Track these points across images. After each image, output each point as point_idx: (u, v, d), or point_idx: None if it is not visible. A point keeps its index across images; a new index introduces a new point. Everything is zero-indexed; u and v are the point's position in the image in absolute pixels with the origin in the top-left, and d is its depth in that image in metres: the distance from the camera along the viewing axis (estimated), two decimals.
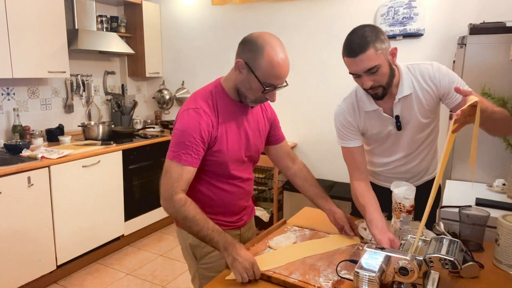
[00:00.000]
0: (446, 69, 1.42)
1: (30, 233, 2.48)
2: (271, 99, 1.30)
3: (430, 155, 1.61)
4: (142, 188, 3.38)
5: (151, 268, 2.95)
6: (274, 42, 1.23)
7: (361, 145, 1.53)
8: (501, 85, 2.13)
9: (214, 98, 1.30)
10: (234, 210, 1.44)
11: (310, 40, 3.24)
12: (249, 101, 1.31)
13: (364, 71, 1.31)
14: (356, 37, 1.30)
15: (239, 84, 1.28)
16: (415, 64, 1.46)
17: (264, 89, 1.24)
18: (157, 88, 4.15)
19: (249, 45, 1.23)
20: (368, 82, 1.33)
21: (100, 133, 3.30)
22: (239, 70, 1.25)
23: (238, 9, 3.50)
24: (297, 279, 1.13)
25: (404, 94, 1.43)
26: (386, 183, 1.60)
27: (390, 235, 1.27)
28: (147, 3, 3.80)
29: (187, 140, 1.23)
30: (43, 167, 2.53)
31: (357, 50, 1.28)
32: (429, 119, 1.49)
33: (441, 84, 1.40)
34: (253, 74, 1.22)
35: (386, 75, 1.35)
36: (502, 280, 1.15)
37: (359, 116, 1.52)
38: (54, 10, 2.86)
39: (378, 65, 1.30)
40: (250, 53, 1.22)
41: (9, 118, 2.98)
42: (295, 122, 3.38)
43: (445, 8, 2.71)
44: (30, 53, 2.72)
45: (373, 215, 1.35)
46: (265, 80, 1.22)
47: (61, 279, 2.77)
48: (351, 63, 1.32)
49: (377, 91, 1.38)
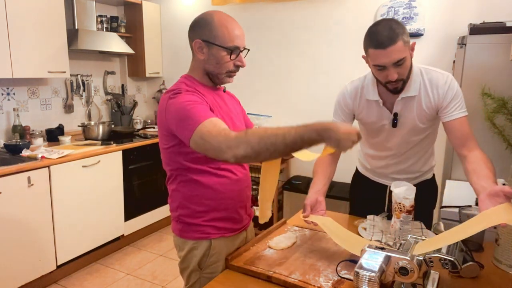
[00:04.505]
0: (457, 86, 1.43)
1: (30, 233, 2.48)
2: (241, 64, 1.29)
3: (423, 159, 1.63)
4: (142, 188, 3.38)
5: (151, 268, 2.95)
6: (219, 11, 1.27)
7: None
8: (501, 85, 2.13)
9: (191, 87, 1.25)
10: (242, 200, 1.38)
11: (310, 40, 3.24)
12: (222, 77, 1.29)
13: (392, 63, 1.32)
14: (384, 29, 1.30)
15: (206, 65, 1.27)
16: (429, 69, 1.47)
17: (230, 55, 1.24)
18: (157, 88, 4.15)
19: (198, 24, 1.26)
20: (395, 74, 1.34)
21: (100, 133, 3.30)
22: (200, 51, 1.25)
23: (238, 9, 3.49)
24: (297, 279, 1.13)
25: (409, 95, 1.45)
26: (381, 179, 1.69)
27: (320, 198, 1.40)
28: (147, 3, 3.80)
29: (190, 107, 1.14)
30: (43, 167, 2.53)
31: (386, 42, 1.29)
32: (426, 125, 1.51)
33: (445, 97, 1.42)
34: (214, 46, 1.22)
35: (408, 68, 1.37)
36: (502, 280, 1.15)
37: (359, 102, 1.56)
38: (54, 10, 2.86)
39: (405, 57, 1.32)
40: (202, 29, 1.24)
41: (9, 118, 2.98)
42: (295, 122, 3.38)
43: (445, 8, 2.71)
44: (30, 53, 2.72)
45: (319, 179, 1.49)
46: (227, 44, 1.23)
47: (61, 279, 2.77)
48: (380, 54, 1.32)
49: (398, 85, 1.39)
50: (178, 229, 1.36)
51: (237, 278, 1.20)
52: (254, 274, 1.19)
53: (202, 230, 1.32)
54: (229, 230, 1.35)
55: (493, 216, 1.01)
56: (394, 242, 1.34)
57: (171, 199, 1.37)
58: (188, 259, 1.35)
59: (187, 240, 1.34)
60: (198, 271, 1.35)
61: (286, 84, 3.41)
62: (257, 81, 3.48)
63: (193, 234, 1.33)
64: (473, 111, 2.21)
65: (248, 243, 1.39)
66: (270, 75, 3.45)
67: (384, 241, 1.37)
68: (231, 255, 1.28)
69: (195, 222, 1.32)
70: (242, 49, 1.27)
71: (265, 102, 3.52)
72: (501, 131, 2.04)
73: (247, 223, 1.45)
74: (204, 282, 1.32)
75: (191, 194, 1.29)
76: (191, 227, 1.32)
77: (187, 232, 1.34)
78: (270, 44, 3.39)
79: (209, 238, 1.32)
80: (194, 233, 1.32)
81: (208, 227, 1.32)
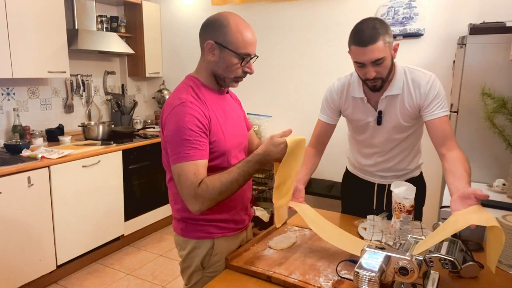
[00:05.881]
0: (440, 86, 1.46)
1: (30, 233, 2.48)
2: (250, 71, 1.29)
3: (410, 157, 1.66)
4: (142, 188, 3.38)
5: (151, 268, 2.95)
6: (235, 14, 1.25)
7: (330, 124, 1.67)
8: (501, 85, 2.13)
9: (195, 90, 1.25)
10: (244, 202, 1.39)
11: (310, 39, 3.24)
12: (228, 81, 1.29)
13: (371, 62, 1.35)
14: (367, 28, 1.34)
15: (214, 67, 1.26)
16: (412, 68, 1.50)
17: (241, 61, 1.24)
18: (157, 88, 4.15)
19: (212, 25, 1.23)
20: (372, 73, 1.38)
21: (100, 133, 3.30)
22: (211, 52, 1.24)
23: (238, 9, 3.49)
24: (297, 279, 1.13)
25: (392, 93, 1.48)
26: (369, 176, 1.73)
27: (300, 186, 1.44)
28: (147, 3, 3.80)
29: (186, 135, 1.15)
30: (43, 167, 2.53)
31: (367, 40, 1.32)
32: (410, 124, 1.54)
33: (426, 96, 1.45)
34: (226, 50, 1.21)
35: (387, 68, 1.40)
36: (502, 280, 1.15)
37: (345, 98, 1.60)
38: (54, 10, 2.86)
39: (384, 57, 1.35)
40: (216, 31, 1.21)
41: (9, 118, 2.98)
42: (295, 122, 3.38)
43: (445, 8, 2.71)
44: (30, 53, 2.72)
45: (301, 170, 1.53)
46: (240, 50, 1.22)
47: (61, 279, 2.77)
48: (359, 52, 1.36)
49: (376, 83, 1.43)
50: (180, 228, 1.35)
51: (237, 278, 1.19)
52: (254, 274, 1.19)
53: (205, 229, 1.32)
54: (231, 230, 1.35)
55: (464, 218, 1.04)
56: (394, 242, 1.34)
57: (174, 201, 1.36)
58: (190, 258, 1.35)
59: (190, 239, 1.34)
60: (200, 271, 1.34)
61: (286, 84, 3.41)
62: (257, 81, 3.48)
63: (196, 233, 1.33)
64: (473, 111, 2.22)
65: (248, 243, 1.39)
66: (270, 75, 3.45)
67: (384, 241, 1.37)
68: (231, 255, 1.28)
69: (197, 223, 1.32)
70: (252, 56, 1.27)
71: (265, 102, 3.52)
72: (501, 131, 2.04)
73: (247, 223, 1.46)
74: (207, 281, 1.31)
75: None
76: (194, 226, 1.32)
77: (190, 231, 1.33)
78: (270, 44, 3.39)
79: (212, 238, 1.32)
80: (197, 232, 1.32)
81: (211, 226, 1.32)
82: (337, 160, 2.42)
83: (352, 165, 1.82)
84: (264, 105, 3.52)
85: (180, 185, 1.17)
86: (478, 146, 2.21)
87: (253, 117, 3.44)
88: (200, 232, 1.32)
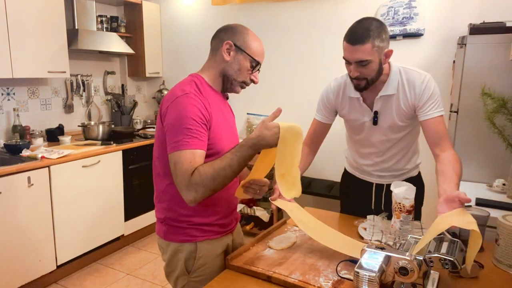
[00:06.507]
0: (435, 86, 1.47)
1: (30, 233, 2.48)
2: (256, 80, 1.35)
3: (407, 157, 1.66)
4: (142, 188, 3.38)
5: (151, 268, 2.95)
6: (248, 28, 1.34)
7: (325, 123, 1.68)
8: (501, 85, 2.13)
9: (198, 86, 1.25)
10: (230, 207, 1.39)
11: (310, 39, 3.24)
12: (235, 84, 1.33)
13: (355, 61, 1.37)
14: (360, 28, 1.35)
15: (226, 67, 1.30)
16: (407, 68, 1.51)
17: (253, 67, 1.30)
18: (157, 88, 4.15)
19: (233, 30, 1.30)
20: (355, 72, 1.40)
21: (100, 133, 3.30)
22: (227, 52, 1.28)
23: (238, 9, 3.49)
24: (297, 279, 1.13)
25: (387, 93, 1.49)
26: (367, 176, 1.73)
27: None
28: (147, 3, 3.80)
29: (188, 124, 1.15)
30: (43, 167, 2.53)
31: (356, 39, 1.34)
32: (405, 123, 1.54)
33: (421, 96, 1.45)
34: (243, 52, 1.28)
35: (374, 71, 1.40)
36: (502, 280, 1.15)
37: (341, 98, 1.61)
38: (54, 10, 2.86)
39: (369, 60, 1.36)
40: (237, 35, 1.29)
41: (9, 118, 2.98)
42: (295, 122, 3.38)
43: (445, 8, 2.71)
44: (30, 53, 2.72)
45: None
46: (255, 56, 1.29)
47: (61, 279, 2.77)
48: (347, 49, 1.39)
49: (360, 83, 1.44)
50: (162, 231, 1.33)
51: (237, 278, 1.19)
52: (254, 274, 1.19)
53: (187, 232, 1.29)
54: (215, 233, 1.33)
55: (446, 220, 1.06)
56: (394, 242, 1.34)
57: (159, 198, 1.34)
58: (173, 262, 1.33)
59: (172, 242, 1.31)
60: (185, 276, 1.32)
61: (286, 84, 3.41)
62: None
63: (178, 237, 1.30)
64: (473, 111, 2.21)
65: (248, 243, 1.38)
66: (271, 75, 3.45)
67: (384, 241, 1.38)
68: (231, 255, 1.27)
69: (180, 225, 1.29)
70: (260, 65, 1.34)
71: (266, 102, 3.52)
72: (501, 131, 2.04)
73: (233, 226, 1.44)
74: (193, 286, 1.31)
75: (180, 197, 1.20)
76: (176, 229, 1.30)
77: (172, 234, 1.31)
78: (270, 44, 3.39)
79: (195, 241, 1.30)
80: (179, 235, 1.30)
81: (194, 229, 1.29)
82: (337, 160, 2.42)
83: (350, 165, 1.82)
84: (264, 105, 3.52)
85: (175, 173, 1.15)
86: (478, 146, 2.21)
87: (253, 117, 3.44)
88: (182, 235, 1.30)
